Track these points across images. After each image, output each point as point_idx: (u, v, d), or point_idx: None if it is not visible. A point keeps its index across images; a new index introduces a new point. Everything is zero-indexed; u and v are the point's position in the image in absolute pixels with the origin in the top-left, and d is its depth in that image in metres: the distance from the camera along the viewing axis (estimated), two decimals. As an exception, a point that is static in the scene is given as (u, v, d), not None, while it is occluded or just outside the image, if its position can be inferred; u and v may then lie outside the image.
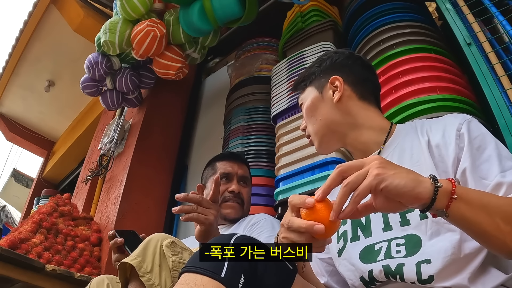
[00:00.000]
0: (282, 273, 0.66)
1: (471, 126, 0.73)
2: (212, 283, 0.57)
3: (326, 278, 0.88)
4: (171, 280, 0.91)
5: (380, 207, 0.57)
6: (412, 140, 0.79)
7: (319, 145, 0.93)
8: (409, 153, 0.78)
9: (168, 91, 2.87)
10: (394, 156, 0.80)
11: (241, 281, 0.59)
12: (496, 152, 0.69)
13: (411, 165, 0.74)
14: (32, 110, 4.35)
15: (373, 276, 0.73)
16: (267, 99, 2.04)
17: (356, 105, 0.90)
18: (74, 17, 3.00)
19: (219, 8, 2.00)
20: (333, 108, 0.90)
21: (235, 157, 1.47)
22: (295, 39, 2.04)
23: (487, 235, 0.58)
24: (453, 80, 1.40)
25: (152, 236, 0.99)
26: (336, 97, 0.90)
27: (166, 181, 2.62)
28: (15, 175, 6.30)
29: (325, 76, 0.94)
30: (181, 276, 0.61)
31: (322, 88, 0.93)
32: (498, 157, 0.68)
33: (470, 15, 1.35)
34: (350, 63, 0.95)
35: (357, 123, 0.88)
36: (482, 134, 0.72)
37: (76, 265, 1.91)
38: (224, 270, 0.58)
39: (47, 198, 3.54)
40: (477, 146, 0.70)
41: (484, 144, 0.70)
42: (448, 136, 0.74)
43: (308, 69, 1.00)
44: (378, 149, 0.84)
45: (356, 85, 0.92)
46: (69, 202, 2.33)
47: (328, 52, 1.02)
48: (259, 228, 1.25)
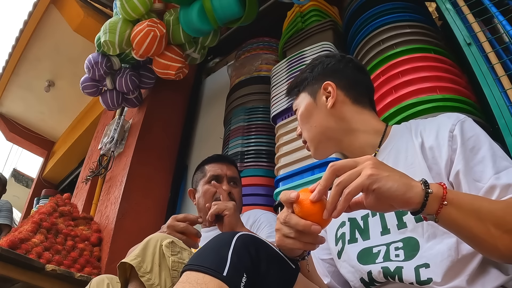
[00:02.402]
0: (285, 272, 0.66)
1: (464, 127, 0.72)
2: (214, 281, 0.56)
3: (329, 279, 0.88)
4: (170, 280, 0.91)
5: (370, 207, 0.58)
6: (407, 142, 0.79)
7: (315, 151, 0.93)
8: (404, 155, 0.78)
9: (168, 91, 2.86)
10: (389, 159, 0.80)
11: (243, 280, 0.58)
12: (490, 152, 0.68)
13: (405, 167, 0.74)
14: (32, 110, 4.35)
15: (372, 277, 0.73)
16: (267, 99, 2.04)
17: (350, 110, 0.89)
18: (74, 17, 3.00)
19: (219, 8, 2.00)
20: (327, 115, 0.90)
21: (223, 159, 1.49)
22: (295, 39, 2.04)
23: (478, 239, 0.58)
24: (453, 80, 1.40)
25: (151, 236, 0.99)
26: (330, 103, 0.89)
27: (166, 181, 2.62)
28: (15, 175, 6.30)
29: (317, 81, 0.94)
30: (183, 275, 0.60)
31: (315, 94, 0.93)
32: (492, 157, 0.67)
33: (470, 15, 1.35)
34: (341, 67, 0.95)
35: (352, 128, 0.88)
36: (476, 134, 0.71)
37: (76, 265, 1.91)
38: (226, 269, 0.58)
39: (47, 198, 3.54)
40: (471, 147, 0.70)
41: (478, 145, 0.69)
42: (442, 138, 0.73)
43: (300, 74, 1.00)
44: (374, 152, 0.84)
45: (349, 89, 0.91)
46: (69, 202, 2.33)
47: (319, 56, 1.01)
48: (261, 225, 1.27)
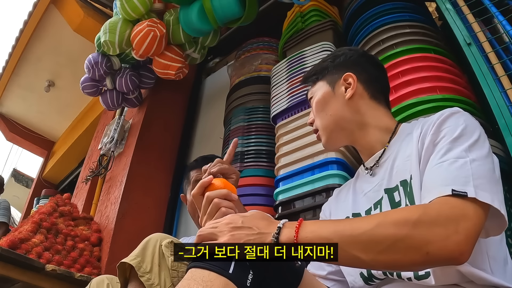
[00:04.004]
0: (290, 270, 0.66)
1: (450, 117, 0.71)
2: (219, 279, 0.56)
3: (325, 271, 0.88)
4: (170, 279, 0.91)
5: None
6: (411, 138, 0.80)
7: (326, 141, 0.93)
8: (404, 150, 0.79)
9: (168, 91, 2.86)
10: (392, 155, 0.82)
11: (250, 277, 0.58)
12: (451, 145, 0.65)
13: (403, 161, 0.76)
14: (32, 110, 4.35)
15: (371, 272, 0.73)
16: (267, 99, 2.04)
17: (367, 104, 0.91)
18: (74, 17, 3.00)
19: (219, 8, 2.00)
20: (344, 105, 0.91)
21: (206, 161, 1.43)
22: (295, 39, 2.03)
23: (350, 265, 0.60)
24: (453, 80, 1.40)
25: (151, 236, 0.99)
26: (349, 94, 0.90)
27: (166, 181, 2.62)
28: (15, 175, 6.30)
29: (338, 72, 0.95)
30: (188, 272, 0.59)
31: (335, 84, 0.94)
32: (450, 144, 0.65)
33: (470, 15, 1.35)
34: (363, 61, 0.96)
35: (365, 122, 0.89)
36: (456, 125, 0.69)
37: (76, 265, 1.90)
38: (232, 266, 0.57)
39: (47, 198, 3.54)
40: (441, 136, 0.69)
41: (449, 134, 0.67)
42: (427, 128, 0.73)
43: (321, 63, 1.00)
44: (383, 148, 0.85)
45: (368, 84, 0.93)
46: (69, 202, 2.33)
47: (342, 48, 1.02)
48: None
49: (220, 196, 0.74)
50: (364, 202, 0.85)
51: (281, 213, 1.55)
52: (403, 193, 0.73)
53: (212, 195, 0.75)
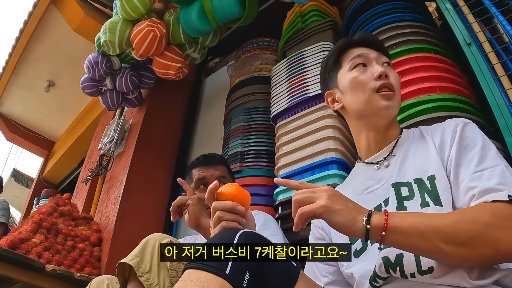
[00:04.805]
0: (287, 270, 0.66)
1: (465, 127, 0.78)
2: (216, 280, 0.56)
3: (328, 279, 0.88)
4: (169, 279, 0.92)
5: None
6: (425, 142, 0.83)
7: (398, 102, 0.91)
8: (416, 151, 0.83)
9: (168, 91, 2.86)
10: (401, 154, 0.85)
11: (246, 278, 0.58)
12: (481, 153, 0.72)
13: (418, 161, 0.80)
14: (32, 110, 4.35)
15: (375, 271, 0.73)
16: (267, 99, 2.04)
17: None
18: (74, 17, 3.00)
19: (219, 8, 2.00)
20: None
21: (208, 160, 1.41)
22: (295, 39, 2.03)
23: (430, 256, 0.64)
24: (453, 80, 1.40)
25: (150, 236, 0.99)
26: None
27: (166, 181, 2.62)
28: (15, 175, 6.30)
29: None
30: (185, 272, 0.60)
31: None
32: (480, 158, 0.71)
33: (470, 15, 1.35)
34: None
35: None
36: (474, 135, 0.76)
37: (76, 265, 1.90)
38: (228, 267, 0.58)
39: (47, 198, 3.54)
40: (465, 145, 0.75)
41: (472, 144, 0.74)
42: (446, 136, 0.79)
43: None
44: (392, 145, 0.89)
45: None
46: (69, 202, 2.33)
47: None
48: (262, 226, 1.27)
49: (224, 209, 0.73)
50: (371, 199, 0.83)
51: (281, 213, 1.55)
52: (417, 189, 0.76)
53: (216, 207, 0.74)
